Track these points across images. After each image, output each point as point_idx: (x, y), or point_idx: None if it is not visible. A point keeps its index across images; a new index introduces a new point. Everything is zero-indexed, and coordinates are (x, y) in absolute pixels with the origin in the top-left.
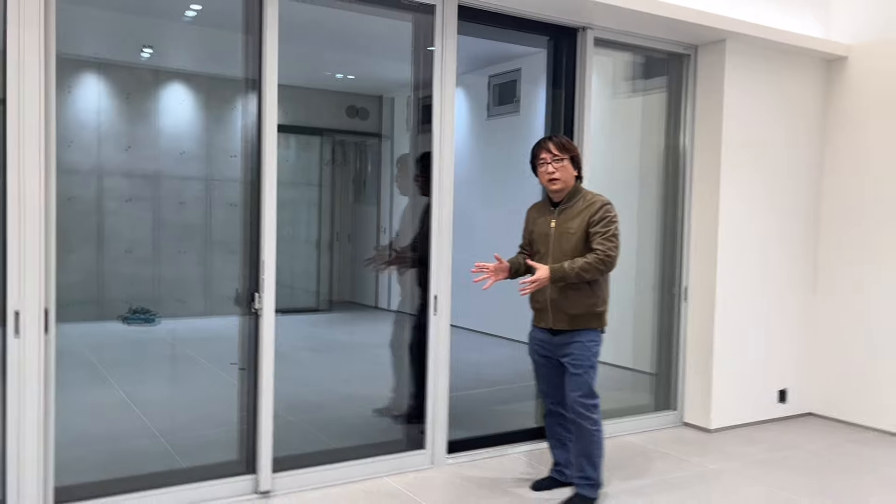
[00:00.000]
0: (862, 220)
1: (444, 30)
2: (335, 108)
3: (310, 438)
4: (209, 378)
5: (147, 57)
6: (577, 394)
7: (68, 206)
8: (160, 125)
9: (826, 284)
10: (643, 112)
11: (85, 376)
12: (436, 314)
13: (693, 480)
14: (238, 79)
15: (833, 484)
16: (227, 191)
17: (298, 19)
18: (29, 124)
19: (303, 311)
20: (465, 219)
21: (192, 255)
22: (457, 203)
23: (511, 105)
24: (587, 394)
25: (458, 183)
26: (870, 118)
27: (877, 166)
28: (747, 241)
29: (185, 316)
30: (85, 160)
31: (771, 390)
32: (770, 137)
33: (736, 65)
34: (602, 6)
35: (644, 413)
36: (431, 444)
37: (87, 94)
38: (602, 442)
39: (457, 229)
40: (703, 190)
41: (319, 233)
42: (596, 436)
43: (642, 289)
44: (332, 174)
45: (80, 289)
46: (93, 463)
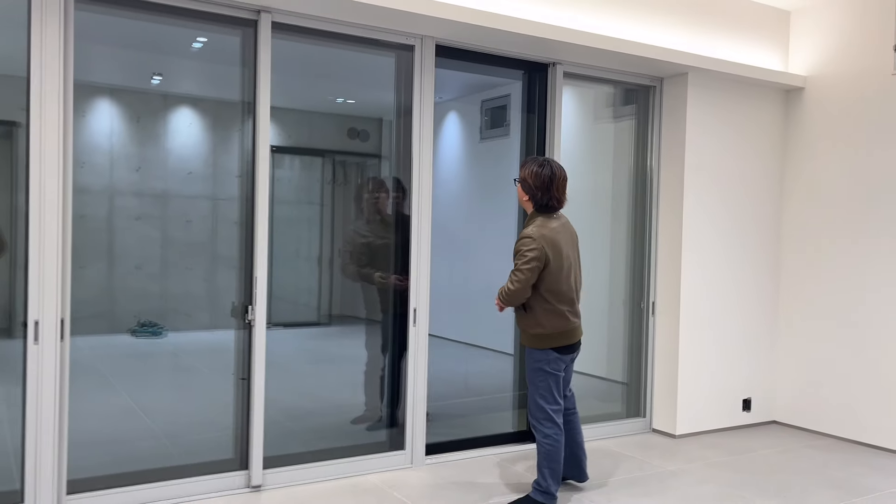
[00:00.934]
0: (819, 240)
1: (422, 66)
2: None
3: (301, 440)
4: (209, 386)
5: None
6: (530, 405)
7: (81, 223)
8: (168, 147)
9: (787, 299)
10: (616, 138)
11: (95, 385)
12: (415, 325)
13: (651, 480)
14: (240, 104)
15: (779, 483)
16: (231, 209)
17: (296, 52)
18: (49, 148)
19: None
20: (459, 234)
21: (198, 272)
22: (451, 219)
23: (502, 129)
24: (533, 408)
25: (453, 201)
26: (825, 143)
27: (830, 188)
28: (710, 258)
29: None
30: (97, 180)
31: (735, 399)
32: (731, 162)
33: (697, 95)
34: (568, 45)
35: (616, 419)
36: (411, 445)
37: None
38: (551, 454)
39: (451, 245)
40: (668, 211)
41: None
42: (543, 447)
43: (614, 303)
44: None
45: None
46: (102, 460)
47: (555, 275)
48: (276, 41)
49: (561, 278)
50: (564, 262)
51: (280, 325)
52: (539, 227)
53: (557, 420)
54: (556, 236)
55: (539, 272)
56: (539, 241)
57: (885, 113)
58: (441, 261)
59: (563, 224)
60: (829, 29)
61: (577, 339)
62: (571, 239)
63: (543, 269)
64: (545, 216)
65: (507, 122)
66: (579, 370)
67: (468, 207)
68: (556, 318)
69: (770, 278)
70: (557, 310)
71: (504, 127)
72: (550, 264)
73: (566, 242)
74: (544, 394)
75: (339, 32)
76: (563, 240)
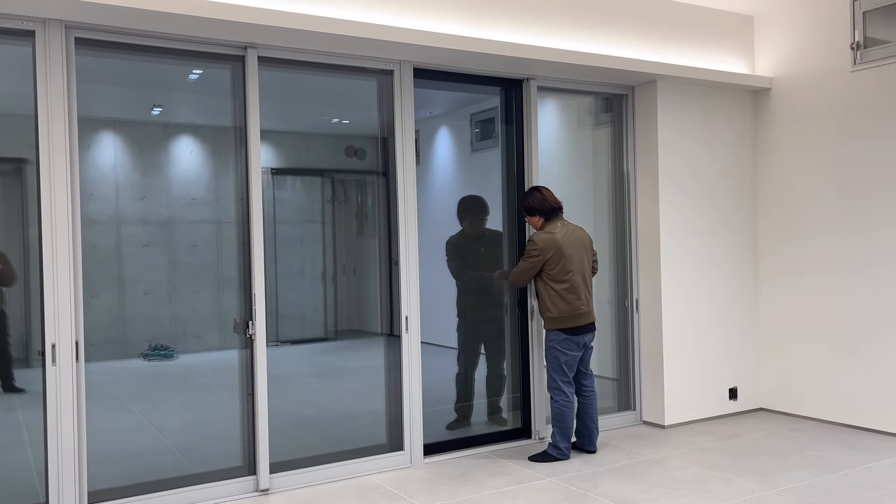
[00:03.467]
0: (794, 232)
1: (402, 89)
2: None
3: (307, 446)
4: (219, 402)
5: (157, 114)
6: (547, 381)
7: (91, 253)
8: (171, 175)
9: (767, 291)
10: (595, 144)
11: (111, 407)
12: (407, 332)
13: (637, 467)
14: (236, 131)
15: (760, 464)
16: (233, 231)
17: (289, 78)
18: (58, 182)
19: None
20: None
21: (206, 294)
22: (448, 230)
23: (491, 140)
24: (548, 380)
25: (445, 211)
26: (793, 140)
27: (801, 182)
28: (688, 255)
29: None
30: (104, 210)
31: (721, 388)
32: (703, 163)
33: (668, 101)
34: (540, 62)
35: (608, 413)
36: (410, 446)
37: (104, 151)
38: (561, 416)
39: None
40: (645, 212)
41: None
42: (554, 410)
43: (601, 302)
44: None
45: (104, 330)
46: (119, 472)
47: (557, 268)
48: (263, 72)
49: (563, 271)
50: (566, 259)
51: (288, 342)
52: (542, 233)
53: (566, 389)
54: (558, 239)
55: (540, 265)
56: (539, 244)
57: (846, 108)
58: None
59: (570, 230)
60: (790, 31)
61: (585, 323)
62: (579, 242)
63: (546, 263)
64: (551, 223)
65: (496, 134)
66: None
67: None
68: (561, 303)
69: (749, 271)
70: (561, 296)
71: (494, 138)
72: (551, 260)
73: (569, 244)
74: (556, 367)
75: (321, 62)
76: (565, 242)
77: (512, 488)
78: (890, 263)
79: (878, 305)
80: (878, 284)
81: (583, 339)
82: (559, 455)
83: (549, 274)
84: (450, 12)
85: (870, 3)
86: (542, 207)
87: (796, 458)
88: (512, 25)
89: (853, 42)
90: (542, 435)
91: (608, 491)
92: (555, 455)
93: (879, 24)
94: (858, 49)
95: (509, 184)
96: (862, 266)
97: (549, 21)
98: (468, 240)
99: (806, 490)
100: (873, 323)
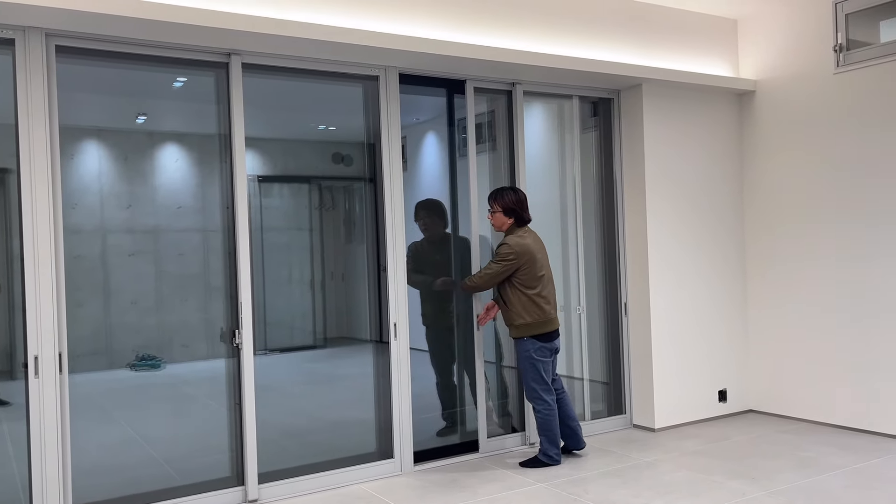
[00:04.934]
0: (781, 234)
1: (387, 94)
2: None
3: (296, 455)
4: (206, 412)
5: (142, 122)
6: (525, 388)
7: (76, 263)
8: (157, 183)
9: (755, 292)
10: (584, 148)
11: (97, 418)
12: (396, 339)
13: (627, 471)
14: (221, 138)
15: (750, 466)
16: (219, 240)
17: (275, 85)
18: (39, 191)
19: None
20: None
21: (193, 303)
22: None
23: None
24: (527, 390)
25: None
26: (778, 142)
27: (787, 183)
28: (676, 258)
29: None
30: (89, 220)
31: (710, 391)
32: (690, 165)
33: (653, 104)
34: (526, 66)
35: (599, 418)
36: (399, 453)
37: (88, 159)
38: (546, 423)
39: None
40: (632, 215)
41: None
42: (539, 419)
43: (591, 306)
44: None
45: (90, 341)
46: (106, 485)
47: (529, 274)
48: (248, 79)
49: (535, 277)
50: (537, 265)
51: (276, 351)
52: (515, 237)
53: (547, 397)
54: (529, 244)
55: (512, 270)
56: (514, 248)
57: (830, 109)
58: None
59: (534, 237)
60: (774, 34)
61: (555, 328)
62: (543, 248)
63: (518, 270)
64: (521, 229)
65: (483, 139)
66: (563, 374)
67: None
68: (535, 309)
69: (736, 274)
70: (534, 301)
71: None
72: (523, 266)
73: (538, 250)
74: (535, 377)
75: (306, 68)
76: (534, 248)
77: (503, 494)
78: (878, 266)
79: (867, 305)
80: (866, 285)
81: (554, 345)
82: (550, 461)
83: (521, 280)
84: (435, 18)
85: (852, 6)
86: (520, 211)
87: (787, 460)
88: (498, 31)
89: (836, 44)
90: (532, 440)
91: (599, 495)
92: (546, 462)
93: (862, 26)
94: (841, 51)
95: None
96: (850, 266)
97: (535, 26)
98: (425, 245)
99: (797, 491)
100: (862, 323)
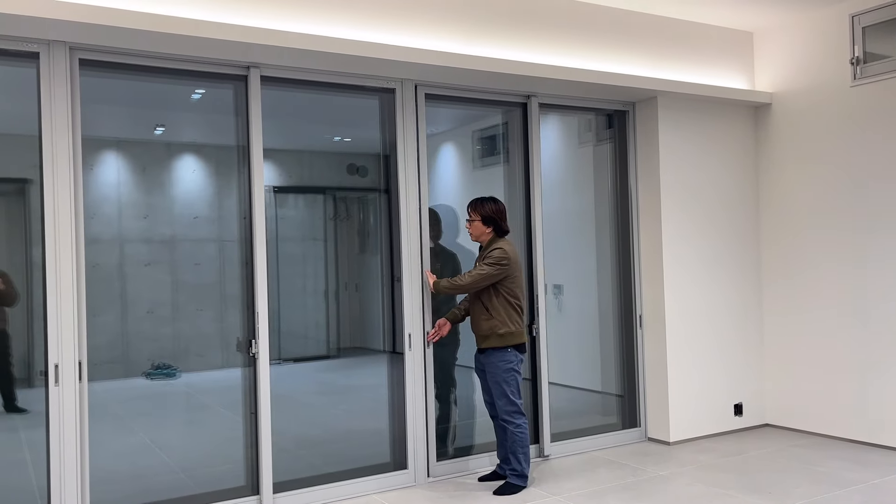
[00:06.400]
0: (798, 246)
1: (403, 107)
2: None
3: (310, 465)
4: (221, 421)
5: (160, 133)
6: (500, 403)
7: (94, 272)
8: (174, 193)
9: (771, 304)
10: (599, 159)
11: (113, 426)
12: (410, 349)
13: (643, 484)
14: (238, 149)
15: (766, 481)
16: (236, 250)
17: (292, 97)
18: (61, 202)
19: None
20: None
21: (208, 312)
22: (448, 245)
23: (494, 157)
24: (505, 405)
25: (448, 228)
26: (794, 154)
27: (803, 195)
28: (691, 270)
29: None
30: (107, 230)
31: (726, 404)
32: (705, 178)
33: (668, 117)
34: (541, 79)
35: (613, 431)
36: (413, 464)
37: (107, 170)
38: (524, 440)
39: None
40: (647, 227)
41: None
42: (518, 436)
43: (605, 318)
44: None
45: (106, 349)
46: (122, 493)
47: (516, 283)
48: (266, 91)
49: (520, 286)
50: (520, 274)
51: (290, 360)
52: (507, 245)
53: (523, 412)
54: (515, 254)
55: (501, 277)
56: (510, 255)
57: (847, 122)
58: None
59: (514, 247)
60: (790, 47)
61: (525, 339)
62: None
63: (507, 277)
64: (501, 239)
65: (498, 151)
66: (577, 385)
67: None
68: (517, 318)
69: (752, 285)
70: (517, 311)
71: (496, 155)
72: (512, 274)
73: (518, 261)
74: (514, 390)
75: (324, 81)
76: (517, 258)
77: None
78: (895, 278)
79: (884, 320)
80: (883, 300)
81: (523, 357)
82: (524, 484)
83: (509, 288)
84: (451, 31)
85: (869, 19)
86: (500, 221)
87: (803, 475)
88: (513, 43)
89: (853, 57)
90: (547, 452)
91: None
92: (521, 485)
93: (879, 39)
94: (858, 64)
95: (511, 200)
96: (866, 281)
97: (551, 39)
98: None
99: None
100: (879, 338)
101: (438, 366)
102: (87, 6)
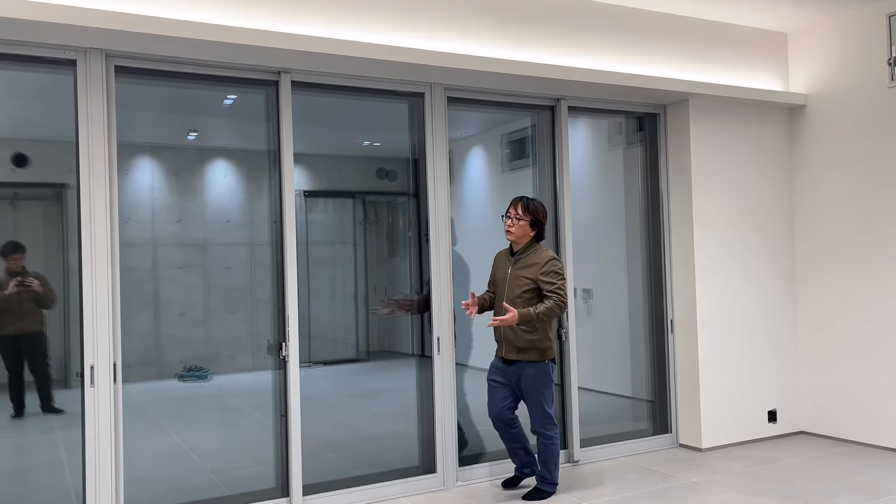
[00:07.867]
0: (834, 251)
1: (433, 111)
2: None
3: (340, 468)
4: (252, 424)
5: (193, 139)
6: (535, 414)
7: (128, 275)
8: (206, 198)
9: (806, 309)
10: (629, 162)
11: (147, 428)
12: (439, 354)
13: (675, 491)
14: (270, 154)
15: (801, 489)
16: (267, 254)
17: (322, 102)
18: (97, 206)
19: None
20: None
21: (240, 315)
22: (476, 248)
23: (523, 160)
24: (541, 417)
25: (477, 231)
26: (830, 157)
27: (839, 199)
28: (724, 274)
29: (234, 372)
30: (141, 234)
31: (760, 411)
32: (738, 180)
33: (700, 119)
34: (571, 82)
35: (643, 437)
36: (442, 468)
37: (141, 175)
38: (557, 451)
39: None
40: (679, 231)
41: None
42: (551, 447)
43: (636, 323)
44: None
45: (140, 352)
46: (154, 494)
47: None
48: (297, 96)
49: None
50: None
51: (320, 363)
52: (552, 253)
53: (555, 421)
54: None
55: None
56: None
57: (884, 123)
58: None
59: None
60: (825, 47)
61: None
62: None
63: None
64: (543, 247)
65: (527, 154)
66: (607, 391)
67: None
68: (552, 332)
69: (787, 290)
70: (552, 325)
71: (525, 158)
72: None
73: None
74: (551, 402)
75: (353, 86)
76: None
77: None
78: None
79: None
80: None
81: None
82: (553, 490)
83: None
84: (480, 35)
85: None
86: (544, 225)
87: (839, 484)
88: (542, 46)
89: (890, 58)
90: (577, 458)
91: None
92: (551, 492)
93: None
94: (895, 65)
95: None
96: None
97: (580, 41)
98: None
99: None
100: None
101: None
102: (123, 14)
